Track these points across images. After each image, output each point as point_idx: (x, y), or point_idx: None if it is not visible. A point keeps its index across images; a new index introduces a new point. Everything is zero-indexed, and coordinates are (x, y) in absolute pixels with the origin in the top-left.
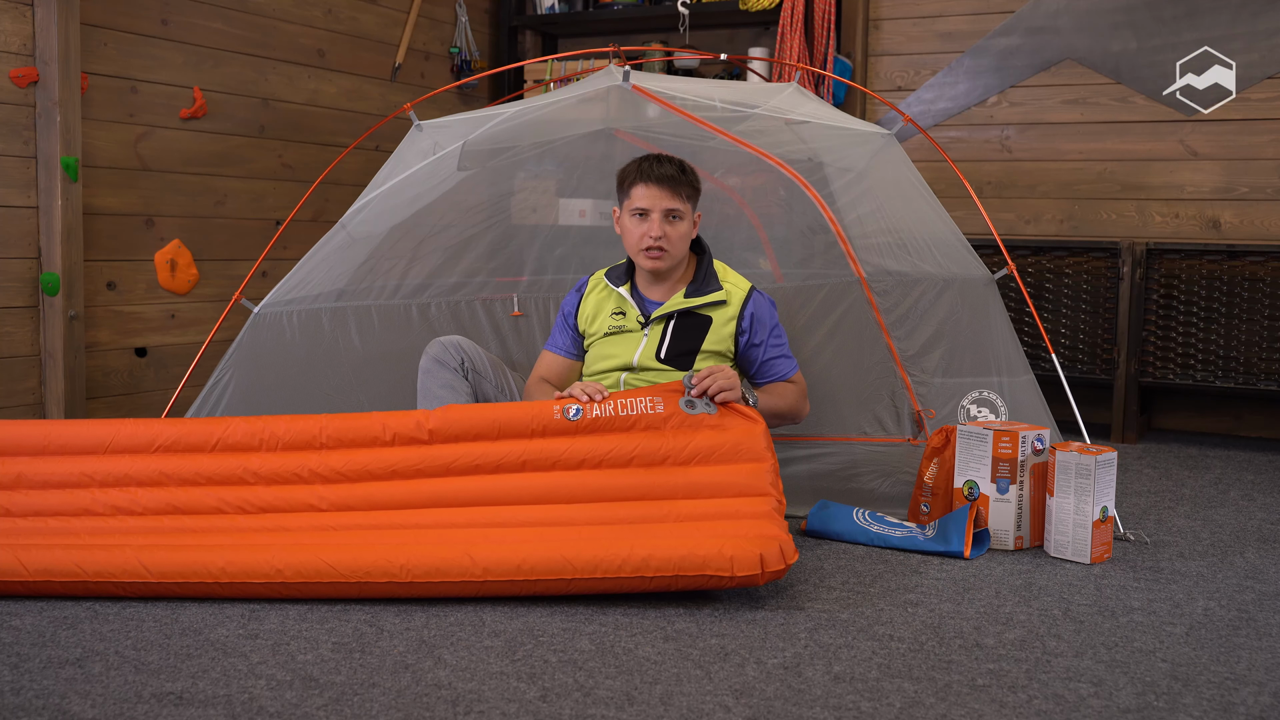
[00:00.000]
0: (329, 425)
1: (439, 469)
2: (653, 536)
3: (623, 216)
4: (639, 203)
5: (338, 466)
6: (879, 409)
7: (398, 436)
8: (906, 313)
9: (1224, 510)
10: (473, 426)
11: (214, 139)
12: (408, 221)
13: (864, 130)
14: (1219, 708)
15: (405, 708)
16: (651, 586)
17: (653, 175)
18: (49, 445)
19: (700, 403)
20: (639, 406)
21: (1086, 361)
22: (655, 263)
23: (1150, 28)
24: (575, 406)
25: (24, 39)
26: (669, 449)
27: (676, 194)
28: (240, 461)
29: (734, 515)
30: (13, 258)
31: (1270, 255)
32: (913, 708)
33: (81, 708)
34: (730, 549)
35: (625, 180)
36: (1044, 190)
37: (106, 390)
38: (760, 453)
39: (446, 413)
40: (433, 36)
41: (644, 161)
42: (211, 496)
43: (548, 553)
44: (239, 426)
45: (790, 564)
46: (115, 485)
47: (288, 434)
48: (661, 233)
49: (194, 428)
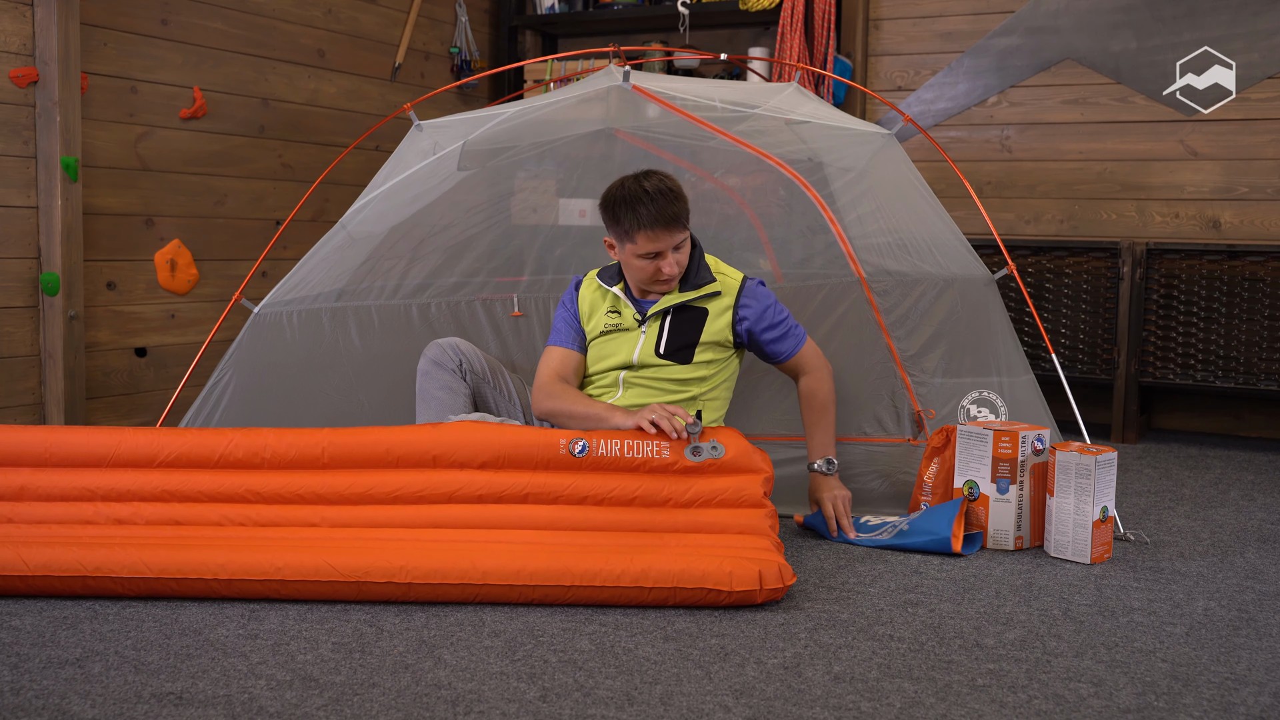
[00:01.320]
0: (331, 444)
1: (442, 496)
2: (652, 551)
3: (624, 254)
4: (647, 247)
5: (340, 490)
6: (879, 409)
7: (401, 460)
8: (906, 313)
9: (1224, 510)
10: (477, 455)
11: (214, 139)
12: (408, 221)
13: (864, 130)
14: (1219, 708)
15: (405, 708)
16: (650, 599)
17: (658, 221)
18: (50, 455)
19: (706, 448)
20: (645, 450)
21: (1086, 361)
22: (667, 287)
23: (1150, 28)
24: (582, 442)
25: (24, 39)
26: (671, 490)
27: (679, 226)
28: (242, 480)
29: (733, 544)
30: (12, 258)
31: (1270, 255)
32: (913, 708)
33: (81, 708)
34: (729, 565)
35: (621, 222)
36: (1044, 190)
37: (106, 390)
38: (759, 499)
39: (453, 434)
40: (433, 36)
41: (640, 205)
42: (214, 512)
43: (547, 561)
44: (241, 443)
45: (788, 585)
46: (118, 500)
47: (290, 451)
48: (673, 266)
49: (196, 442)
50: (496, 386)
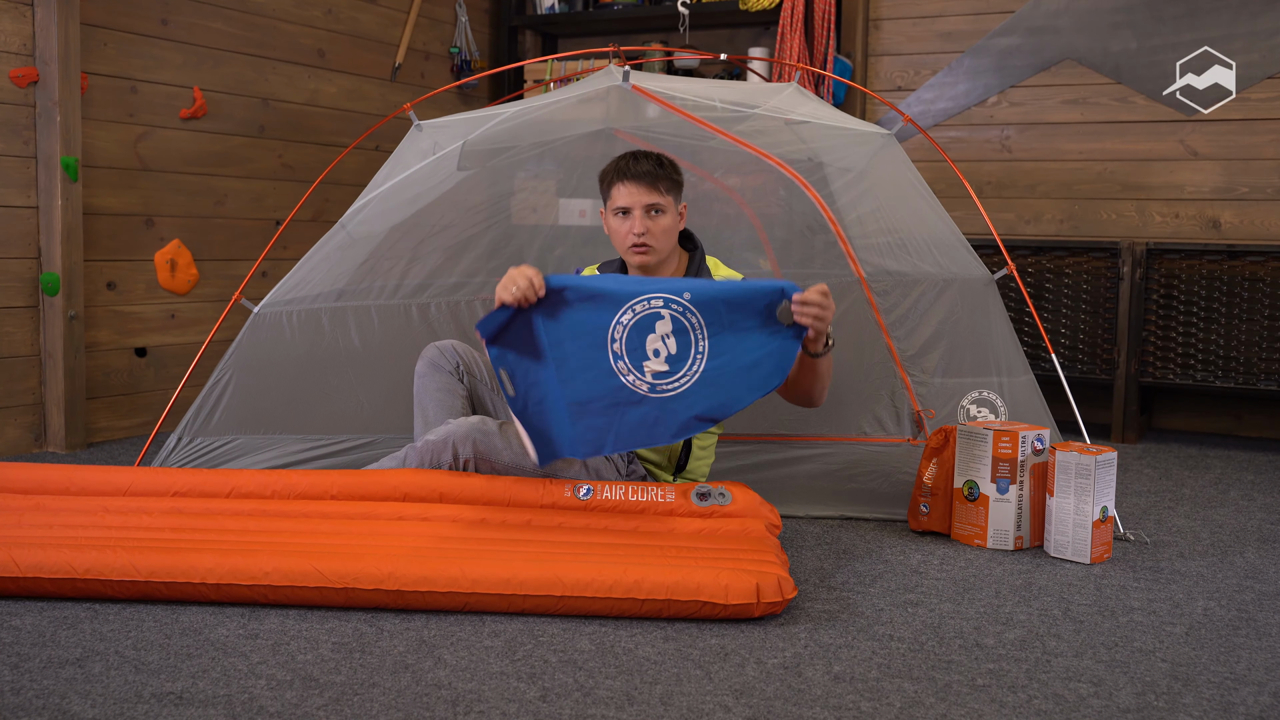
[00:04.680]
0: (339, 481)
1: (445, 518)
2: (647, 562)
3: (607, 216)
4: (620, 201)
5: (345, 511)
6: (879, 409)
7: (408, 497)
8: (906, 313)
9: (1224, 510)
10: (481, 498)
11: (214, 139)
12: (408, 221)
13: (864, 130)
14: (1219, 708)
15: (405, 708)
16: (643, 610)
17: (630, 173)
18: (70, 488)
19: (714, 494)
20: (650, 494)
21: (1086, 361)
22: (643, 258)
23: (1150, 28)
24: (586, 486)
25: (24, 39)
26: (672, 526)
27: (655, 189)
28: (257, 505)
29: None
30: (13, 258)
31: (1270, 255)
32: (913, 708)
33: (81, 708)
34: (726, 578)
35: (605, 180)
36: (1044, 190)
37: (106, 390)
38: (763, 536)
39: (459, 480)
40: (433, 36)
41: (622, 160)
42: (217, 523)
43: (538, 570)
44: (252, 478)
45: (788, 599)
46: (130, 513)
47: (301, 483)
48: (644, 228)
49: (209, 477)
50: (494, 388)
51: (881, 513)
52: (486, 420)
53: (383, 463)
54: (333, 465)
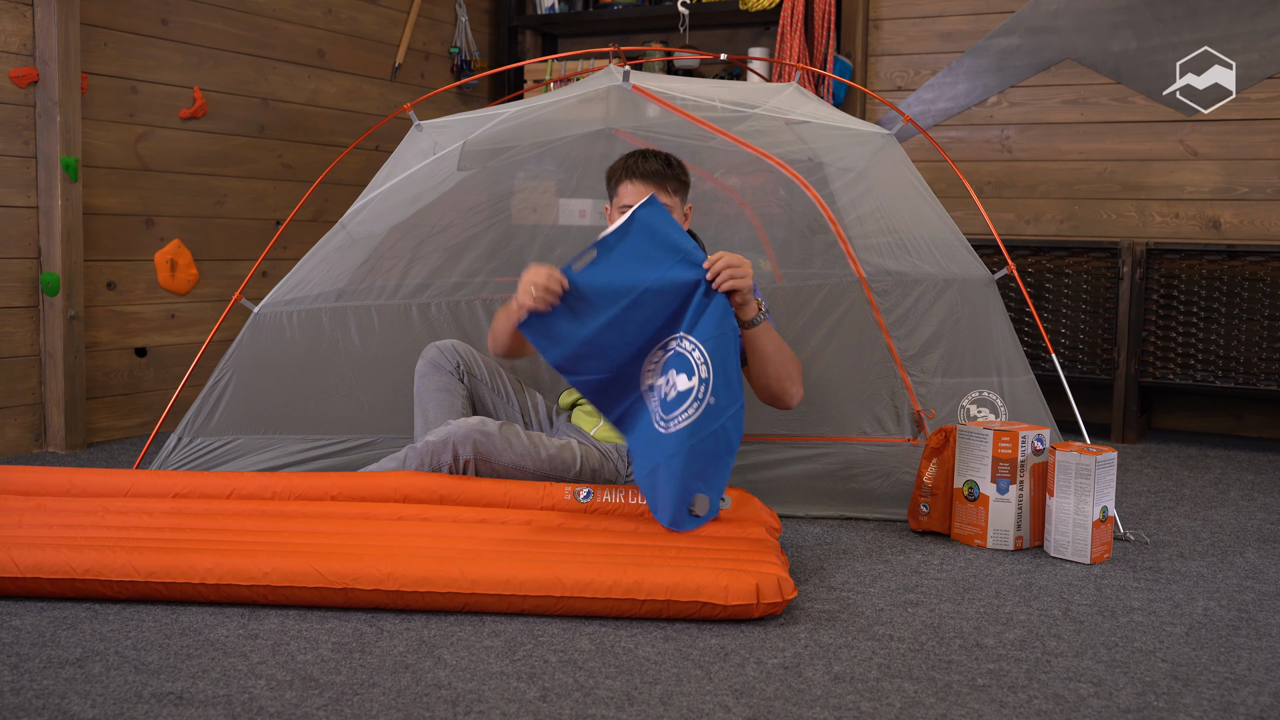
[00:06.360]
0: (339, 483)
1: (446, 518)
2: (647, 562)
3: (613, 214)
4: (626, 199)
5: (344, 511)
6: (879, 409)
7: (409, 498)
8: (906, 313)
9: (1224, 510)
10: (482, 500)
11: (214, 139)
12: (408, 221)
13: (864, 130)
14: (1219, 708)
15: (405, 708)
16: (643, 611)
17: (639, 171)
18: (70, 491)
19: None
20: None
21: (1086, 361)
22: None
23: (1150, 28)
24: (586, 490)
25: (24, 39)
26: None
27: (663, 188)
28: (256, 506)
29: (732, 554)
30: (13, 258)
31: (1270, 255)
32: (913, 708)
33: (81, 708)
34: (726, 579)
35: (613, 177)
36: (1044, 190)
37: (106, 390)
38: (762, 537)
39: (459, 483)
40: (433, 36)
41: (630, 158)
42: (217, 523)
43: (538, 570)
44: (252, 480)
45: (789, 600)
46: (130, 514)
47: (302, 486)
48: None
49: (209, 479)
50: (494, 388)
51: (881, 513)
52: (486, 421)
53: (383, 464)
54: (333, 465)
